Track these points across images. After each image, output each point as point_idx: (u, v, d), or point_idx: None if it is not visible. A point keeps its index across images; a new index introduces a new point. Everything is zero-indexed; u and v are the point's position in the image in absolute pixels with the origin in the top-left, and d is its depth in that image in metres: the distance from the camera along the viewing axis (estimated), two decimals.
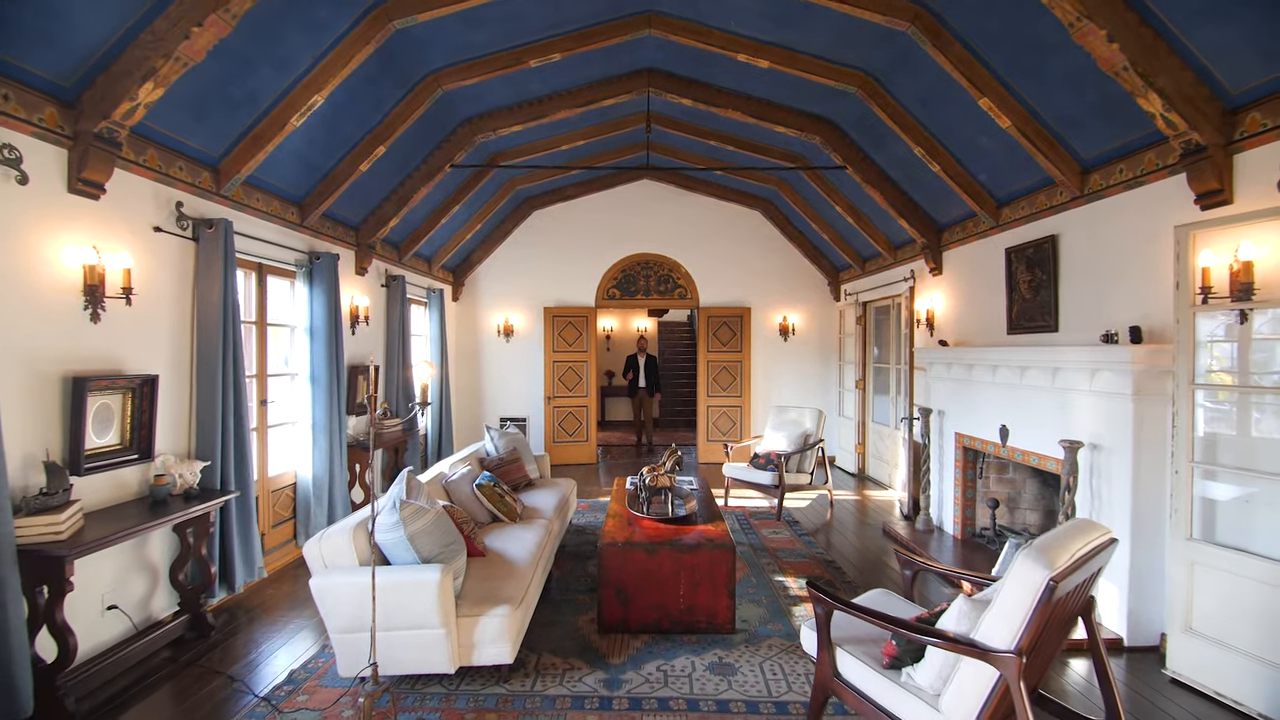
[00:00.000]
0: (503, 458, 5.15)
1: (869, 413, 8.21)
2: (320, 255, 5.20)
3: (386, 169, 5.65)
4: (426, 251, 7.79)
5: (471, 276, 9.13)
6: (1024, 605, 1.99)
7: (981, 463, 5.28)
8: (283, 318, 5.13)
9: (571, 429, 9.00)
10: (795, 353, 9.15)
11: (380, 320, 6.64)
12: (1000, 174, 4.88)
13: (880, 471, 7.85)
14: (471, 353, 9.15)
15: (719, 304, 9.14)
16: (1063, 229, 4.42)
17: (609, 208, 9.09)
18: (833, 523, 6.14)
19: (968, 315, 5.68)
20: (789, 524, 5.95)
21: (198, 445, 3.89)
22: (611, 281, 9.18)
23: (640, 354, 10.03)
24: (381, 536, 3.01)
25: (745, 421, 9.01)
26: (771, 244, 9.14)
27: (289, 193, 4.94)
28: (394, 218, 6.10)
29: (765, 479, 6.12)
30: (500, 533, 3.99)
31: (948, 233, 5.99)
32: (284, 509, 4.99)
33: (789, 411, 6.85)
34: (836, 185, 6.89)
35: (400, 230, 6.79)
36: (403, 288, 6.78)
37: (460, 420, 9.06)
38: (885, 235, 7.06)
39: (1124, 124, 3.67)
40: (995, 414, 4.85)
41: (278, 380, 5.03)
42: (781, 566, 4.76)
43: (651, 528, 3.93)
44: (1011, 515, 5.26)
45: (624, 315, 13.94)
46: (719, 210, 9.11)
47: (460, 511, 3.58)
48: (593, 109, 6.12)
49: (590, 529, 5.72)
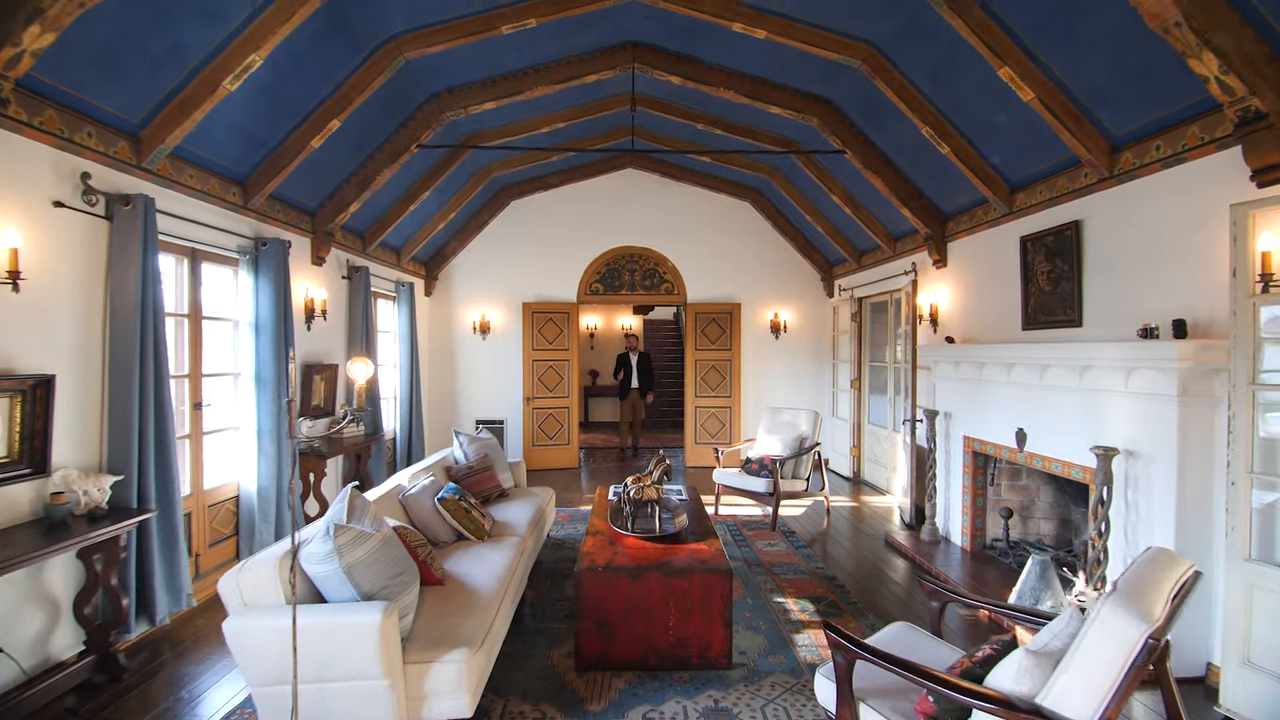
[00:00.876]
0: (472, 466, 4.66)
1: (864, 414, 7.83)
2: (267, 241, 4.66)
3: (345, 148, 5.12)
4: (394, 242, 7.26)
5: (445, 270, 8.60)
6: (1113, 667, 1.57)
7: (993, 469, 4.89)
8: (223, 310, 4.59)
9: (552, 431, 8.51)
10: (787, 351, 8.74)
11: (341, 315, 6.10)
12: (1016, 156, 4.48)
13: (877, 476, 7.46)
14: (445, 351, 8.62)
15: (708, 300, 8.70)
16: (1087, 214, 4.03)
17: (592, 198, 8.61)
18: (830, 532, 5.73)
19: (976, 310, 5.30)
20: (785, 535, 5.52)
21: (110, 456, 3.35)
22: (594, 276, 8.71)
23: (631, 352, 9.26)
24: (313, 569, 2.52)
25: (735, 423, 8.58)
26: (762, 237, 8.72)
27: (230, 170, 4.40)
28: (355, 202, 5.57)
29: (759, 486, 5.69)
30: (465, 554, 3.50)
31: (953, 222, 5.60)
32: (224, 525, 4.45)
33: (783, 413, 6.43)
34: (833, 172, 6.48)
35: (363, 217, 6.26)
36: (366, 280, 6.25)
37: (433, 423, 8.52)
38: (884, 226, 6.66)
39: (1165, 94, 3.28)
40: (1010, 416, 4.46)
41: (217, 381, 4.49)
42: (780, 585, 4.33)
43: (637, 548, 3.46)
44: (1025, 525, 4.88)
45: (608, 312, 13.46)
46: (707, 201, 8.67)
47: (414, 533, 3.08)
48: (573, 86, 5.64)
49: (570, 542, 5.25)
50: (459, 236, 8.43)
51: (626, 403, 9.28)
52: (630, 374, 9.17)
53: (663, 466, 4.24)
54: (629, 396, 9.22)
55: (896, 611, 3.98)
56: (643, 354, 9.32)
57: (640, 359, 9.22)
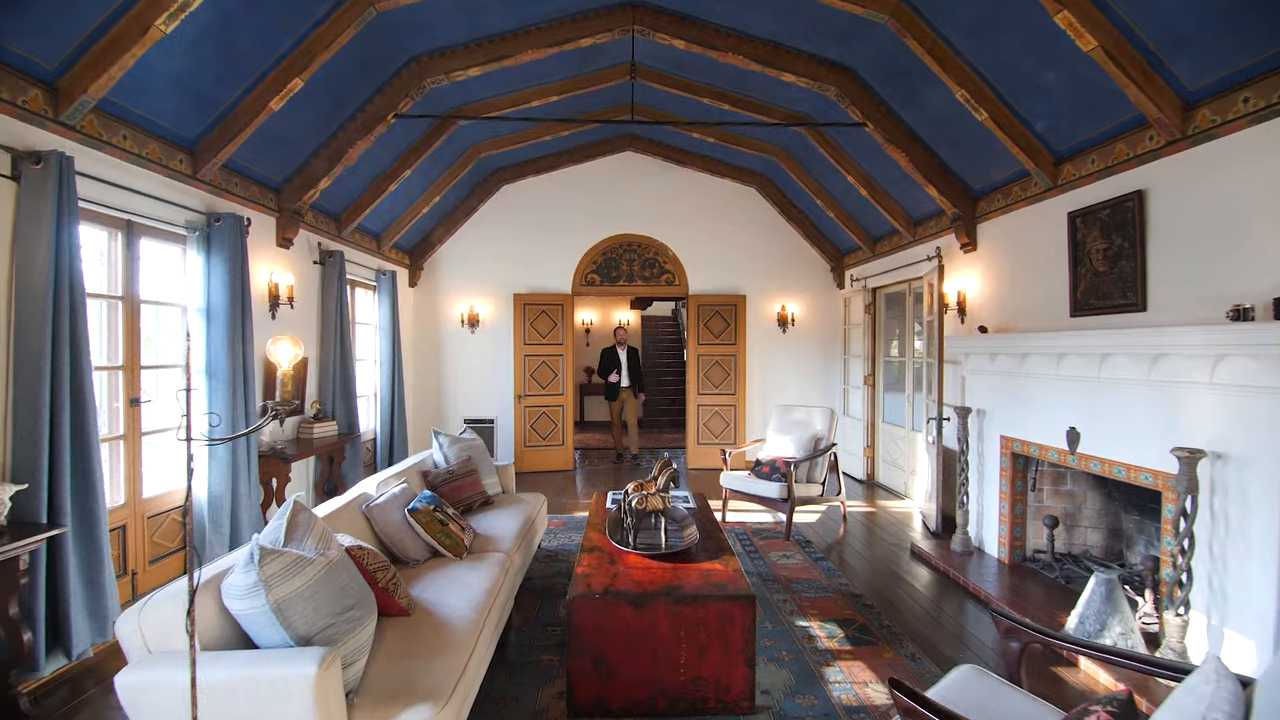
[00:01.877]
0: (453, 471, 4.13)
1: (879, 412, 7.33)
2: (221, 217, 4.13)
3: (312, 115, 4.59)
4: (374, 226, 6.72)
5: (431, 259, 8.07)
6: None
7: (1034, 472, 4.40)
8: (166, 294, 4.05)
9: (545, 431, 7.99)
10: (795, 346, 8.24)
11: (312, 303, 5.57)
12: (1065, 121, 3.99)
13: (893, 478, 6.97)
14: (431, 345, 8.08)
15: (710, 291, 8.19)
16: (1153, 182, 3.54)
17: (588, 183, 8.09)
18: (848, 541, 5.23)
19: (1012, 297, 4.80)
20: (800, 545, 5.02)
21: (13, 462, 2.82)
22: (590, 266, 8.19)
23: (620, 346, 8.50)
24: (236, 605, 2.00)
25: (740, 422, 8.07)
26: (768, 225, 8.22)
27: (174, 133, 3.86)
28: (325, 178, 5.03)
29: (771, 491, 5.18)
30: (439, 576, 2.98)
31: (985, 200, 5.10)
32: (169, 538, 3.92)
33: (795, 411, 5.93)
34: (848, 150, 5.98)
35: (337, 197, 5.72)
36: (341, 266, 5.71)
37: (419, 421, 7.99)
38: (904, 209, 6.17)
39: (1259, 34, 2.79)
40: (1059, 413, 3.96)
41: (159, 373, 3.95)
42: (801, 605, 3.82)
43: (640, 568, 2.95)
44: (1069, 535, 4.39)
45: (604, 306, 12.94)
46: (710, 187, 8.16)
47: (374, 555, 2.56)
48: (568, 51, 5.12)
49: (563, 554, 4.73)
50: (446, 223, 7.90)
51: (616, 403, 8.48)
52: (620, 371, 8.35)
53: (669, 472, 3.73)
54: (618, 396, 8.41)
55: (936, 636, 3.48)
56: (632, 349, 8.56)
57: (630, 354, 8.46)
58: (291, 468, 4.58)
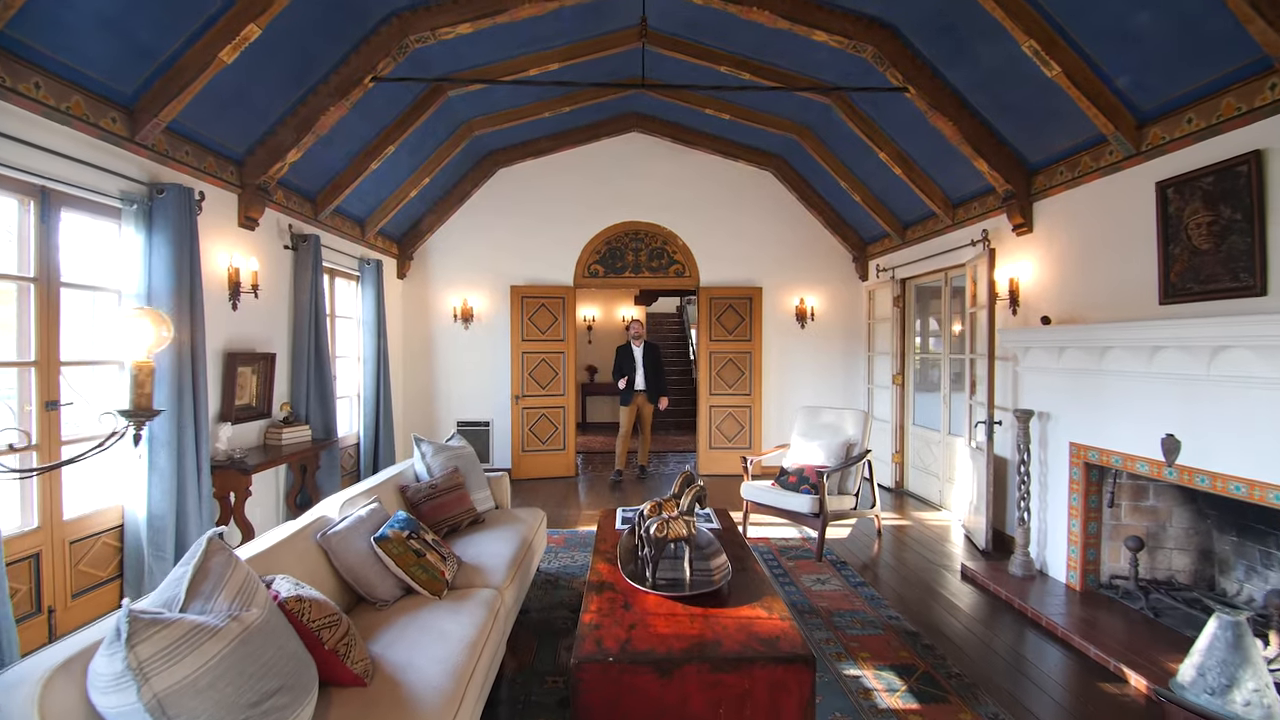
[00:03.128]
0: (436, 485, 3.54)
1: (908, 414, 6.73)
2: (165, 188, 3.53)
3: (276, 73, 3.99)
4: (357, 210, 6.12)
5: (421, 248, 7.46)
6: None
7: (1112, 485, 3.80)
8: (96, 277, 3.45)
9: (545, 435, 7.39)
10: (814, 342, 7.64)
11: (282, 293, 4.97)
12: (1156, 72, 3.38)
13: (925, 487, 6.37)
14: (422, 341, 7.48)
15: (724, 283, 7.59)
16: (1275, 141, 2.94)
17: (590, 166, 7.49)
18: (885, 558, 4.63)
19: (1079, 283, 4.20)
20: (835, 566, 4.42)
21: None
22: (593, 256, 7.58)
23: (636, 341, 7.11)
24: (102, 701, 1.40)
25: (756, 425, 7.47)
26: (786, 212, 7.61)
27: (109, 86, 3.26)
28: (294, 149, 4.43)
29: (801, 505, 4.58)
30: (410, 624, 2.38)
31: (1044, 175, 4.50)
32: (100, 566, 3.32)
33: (823, 414, 5.33)
34: (881, 123, 5.38)
35: (312, 174, 5.12)
36: (316, 252, 5.11)
37: (409, 424, 7.39)
38: (942, 189, 5.57)
39: None
40: (1150, 417, 3.37)
41: (84, 371, 3.35)
42: (849, 646, 3.22)
43: (662, 615, 2.35)
44: (1151, 558, 3.79)
45: (606, 302, 12.34)
46: (723, 171, 7.56)
47: (320, 606, 1.96)
48: (569, 5, 4.52)
49: (565, 579, 4.13)
50: (437, 209, 7.30)
51: (630, 409, 7.06)
52: (634, 372, 7.04)
53: (694, 491, 3.12)
54: (633, 401, 7.06)
55: (1017, 688, 2.88)
56: (650, 345, 7.19)
57: (647, 352, 7.12)
58: (253, 479, 3.98)
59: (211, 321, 4.01)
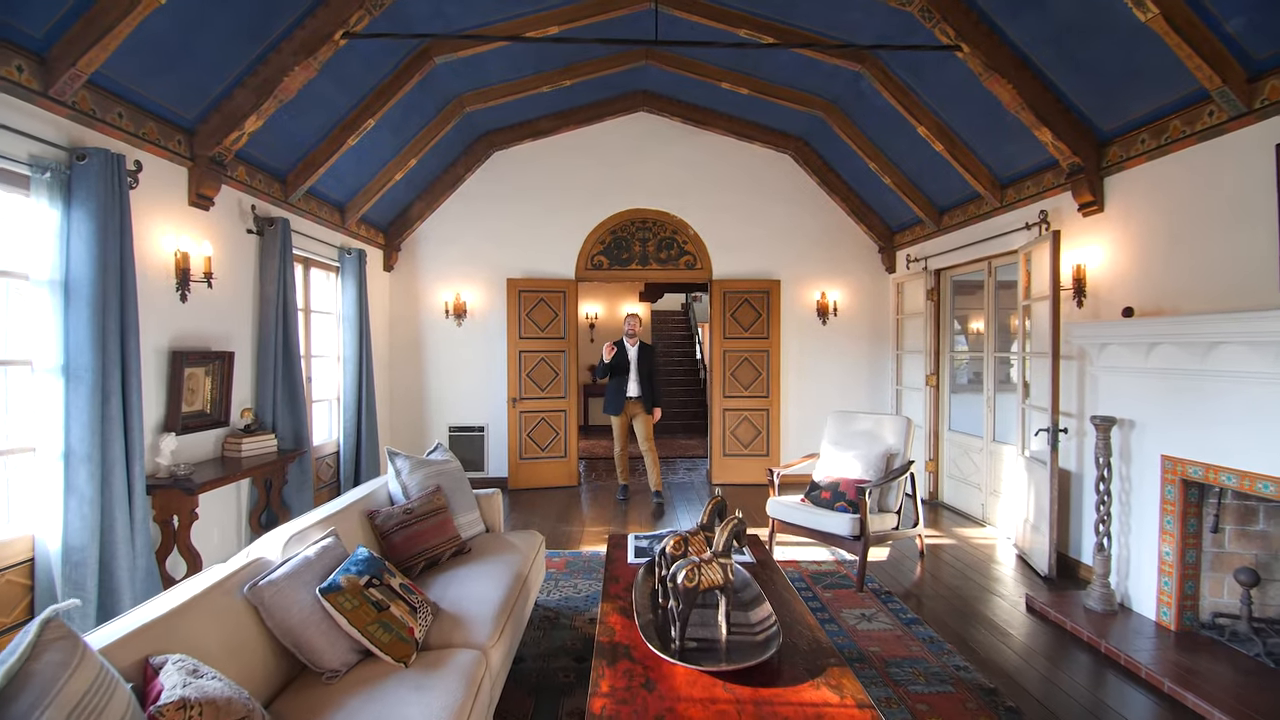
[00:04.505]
0: (412, 509, 2.95)
1: (943, 418, 6.14)
2: (88, 154, 2.95)
3: (227, 23, 3.40)
4: (335, 192, 5.53)
5: (410, 237, 6.88)
6: None
7: (1216, 506, 3.21)
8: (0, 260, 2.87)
9: (544, 441, 6.80)
10: (837, 340, 7.04)
11: (245, 284, 4.38)
12: (1276, 13, 2.79)
13: (965, 500, 5.77)
14: (410, 339, 6.90)
15: (739, 275, 6.99)
16: None
17: (594, 149, 6.90)
18: (933, 586, 4.04)
19: (1169, 269, 3.60)
20: (878, 597, 3.83)
21: None
22: (597, 247, 6.99)
23: (630, 339, 6.07)
24: None
25: (774, 429, 6.88)
26: (806, 198, 7.02)
27: (12, 27, 2.68)
28: (254, 115, 3.84)
29: (839, 526, 3.99)
30: (363, 706, 1.80)
31: (1119, 144, 3.90)
32: (6, 610, 2.73)
33: (858, 419, 4.74)
34: (921, 92, 4.78)
35: (278, 147, 4.53)
36: (286, 238, 4.52)
37: (396, 430, 6.81)
38: (989, 167, 4.97)
39: None
40: (1269, 427, 2.77)
41: None
42: (915, 710, 2.62)
43: (699, 703, 1.76)
44: (1263, 593, 3.19)
45: (609, 298, 11.76)
46: (738, 154, 6.96)
47: (223, 707, 1.38)
48: None
49: (567, 614, 3.55)
50: (427, 195, 6.71)
51: (621, 419, 6.05)
52: (626, 375, 6.00)
53: (730, 525, 2.53)
54: (623, 409, 6.03)
55: None
56: (645, 346, 6.14)
57: (642, 353, 6.07)
58: (199, 500, 3.39)
59: (152, 314, 3.43)
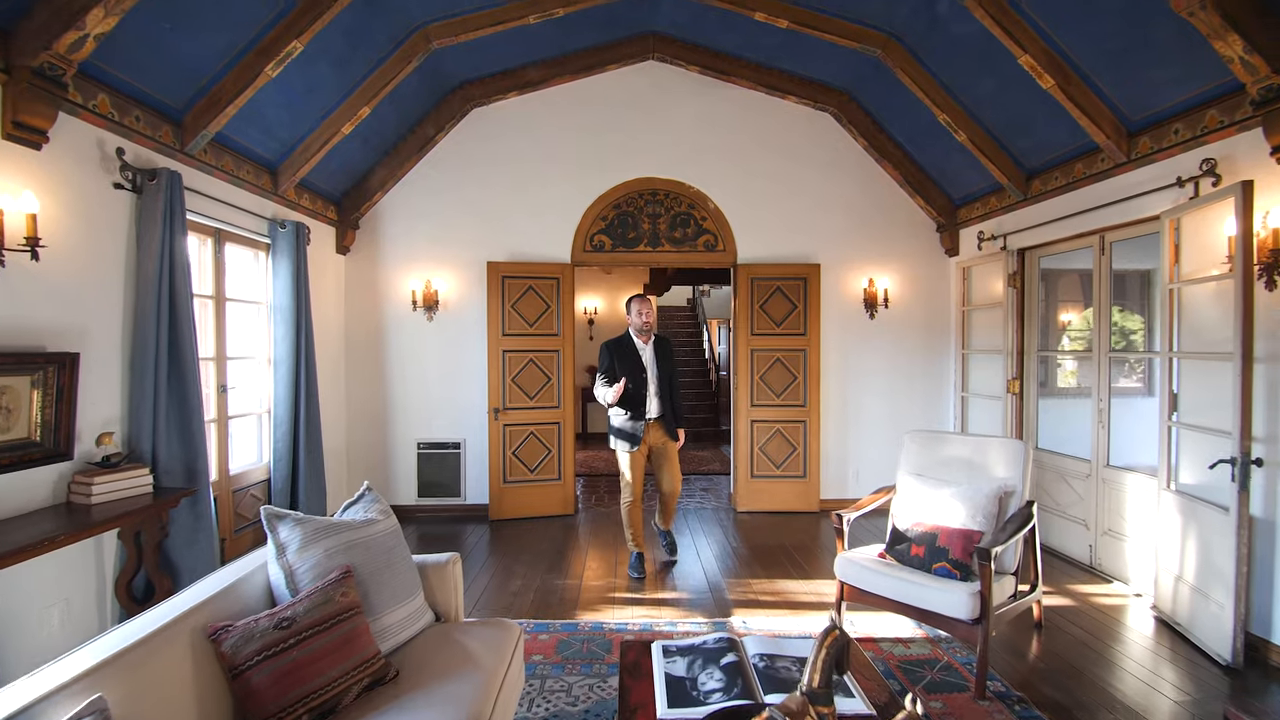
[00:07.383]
0: (294, 616, 1.74)
1: (1031, 435, 4.95)
2: None
3: None
4: (262, 147, 4.30)
5: (371, 213, 5.67)
6: None
7: None
8: None
9: (534, 461, 5.59)
10: (889, 337, 5.84)
11: (110, 257, 3.16)
12: None
13: (1064, 539, 4.58)
14: (369, 336, 5.69)
15: (770, 259, 5.80)
16: None
17: (594, 104, 5.70)
18: (1061, 675, 2.84)
19: None
20: (1005, 703, 2.63)
21: None
22: (598, 225, 5.79)
23: (643, 335, 4.18)
24: None
25: (812, 447, 5.68)
26: (852, 166, 5.82)
27: None
28: (97, 7, 2.63)
29: (953, 604, 2.77)
30: None
31: None
32: None
33: (948, 442, 3.54)
34: (1029, 5, 3.59)
35: (159, 71, 3.30)
36: (174, 197, 3.31)
37: (350, 449, 5.61)
38: (1115, 107, 3.78)
39: None
40: None
41: None
42: None
43: None
44: None
45: (612, 290, 10.55)
46: (769, 112, 5.76)
47: None
48: None
49: None
50: (390, 161, 5.49)
51: (638, 453, 4.08)
52: (643, 388, 4.09)
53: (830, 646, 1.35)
54: (642, 439, 4.07)
55: None
56: (661, 340, 4.29)
57: (659, 350, 4.23)
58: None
59: None
